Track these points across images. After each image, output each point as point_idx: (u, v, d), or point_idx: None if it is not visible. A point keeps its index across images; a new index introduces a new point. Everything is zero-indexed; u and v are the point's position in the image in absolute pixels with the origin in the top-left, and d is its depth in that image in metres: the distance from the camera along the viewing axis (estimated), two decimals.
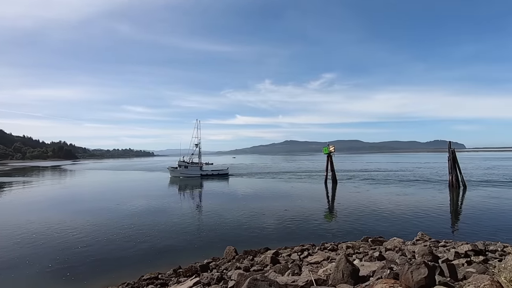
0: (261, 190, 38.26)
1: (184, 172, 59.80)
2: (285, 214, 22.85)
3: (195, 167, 60.96)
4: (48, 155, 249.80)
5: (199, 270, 9.52)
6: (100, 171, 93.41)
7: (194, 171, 60.07)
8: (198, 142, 62.66)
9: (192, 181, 53.46)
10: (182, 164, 60.44)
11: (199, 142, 62.84)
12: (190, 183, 50.16)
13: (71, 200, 33.13)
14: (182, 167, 60.25)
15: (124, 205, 28.88)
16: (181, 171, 60.09)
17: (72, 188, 47.76)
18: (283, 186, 42.41)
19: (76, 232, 18.54)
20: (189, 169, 60.15)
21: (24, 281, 11.47)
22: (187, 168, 60.11)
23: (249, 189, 39.74)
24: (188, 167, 60.31)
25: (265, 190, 38.21)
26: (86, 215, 23.60)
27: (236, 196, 33.48)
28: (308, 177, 53.89)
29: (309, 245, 13.74)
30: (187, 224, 20.55)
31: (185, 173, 59.51)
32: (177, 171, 60.46)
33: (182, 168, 60.22)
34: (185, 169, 60.05)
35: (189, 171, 59.93)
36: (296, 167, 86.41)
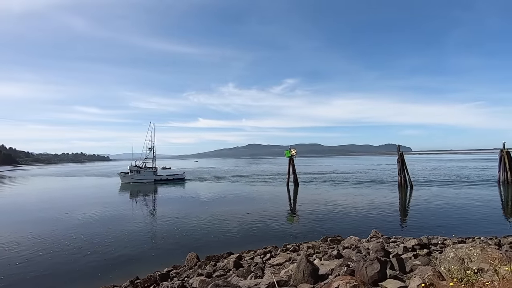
0: (223, 194, 37.95)
1: (136, 177, 57.01)
2: (247, 217, 22.90)
3: (148, 171, 58.29)
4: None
5: (159, 279, 9.09)
6: (47, 177, 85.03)
7: (147, 176, 57.41)
8: (152, 146, 60.49)
9: (145, 186, 51.05)
10: (133, 169, 57.56)
11: (153, 146, 60.69)
12: (143, 188, 47.87)
13: (10, 210, 29.68)
14: (134, 172, 57.36)
15: (74, 214, 26.53)
16: (132, 176, 57.18)
17: (11, 197, 42.76)
18: (246, 189, 42.54)
19: (15, 246, 16.58)
20: (141, 174, 57.42)
21: None
22: (140, 173, 57.36)
23: (211, 193, 39.18)
24: (141, 172, 57.58)
25: (227, 194, 37.96)
26: (29, 227, 21.25)
27: (197, 201, 32.76)
28: (270, 180, 54.77)
29: (272, 247, 13.93)
30: (144, 232, 19.58)
31: (137, 179, 56.79)
32: (128, 177, 57.45)
33: (134, 173, 57.33)
34: (137, 174, 57.26)
35: (142, 176, 57.19)
36: (259, 170, 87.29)
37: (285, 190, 40.74)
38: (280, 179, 55.06)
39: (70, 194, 43.52)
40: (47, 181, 71.74)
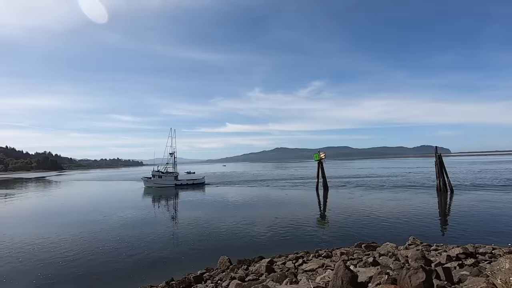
0: (252, 198, 38.06)
1: (158, 182, 58.89)
2: (276, 221, 22.74)
3: (170, 176, 60.06)
4: (32, 166, 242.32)
5: (193, 281, 9.28)
6: (87, 182, 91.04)
7: (168, 181, 59.12)
8: (173, 151, 62.48)
9: (167, 191, 52.44)
10: (156, 174, 59.69)
11: (174, 151, 62.69)
12: (165, 193, 49.13)
13: (55, 213, 32.06)
14: (156, 177, 59.46)
15: (111, 216, 28.15)
16: (154, 181, 59.18)
17: (57, 200, 46.26)
18: (274, 193, 42.33)
19: (60, 246, 17.86)
20: (163, 179, 59.23)
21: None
22: (161, 178, 59.24)
23: (239, 197, 39.48)
24: (162, 177, 59.46)
25: (255, 198, 38.02)
26: (72, 228, 22.82)
27: (226, 205, 33.18)
28: (299, 184, 54.01)
29: (303, 253, 13.66)
30: (176, 235, 20.16)
31: (159, 183, 58.62)
32: (151, 181, 59.53)
33: (156, 178, 59.39)
34: (159, 179, 59.17)
35: (163, 181, 58.96)
36: (287, 174, 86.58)
37: (315, 194, 39.95)
38: (309, 183, 54.15)
39: (107, 198, 46.18)
40: (88, 185, 76.76)
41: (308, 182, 56.26)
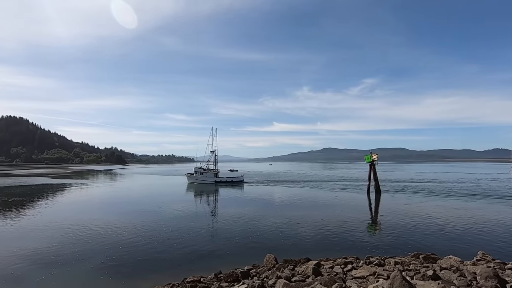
0: (297, 198, 37.58)
1: (200, 178, 61.79)
2: (323, 224, 22.13)
3: (210, 173, 62.53)
4: (101, 159, 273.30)
5: (240, 276, 9.53)
6: (146, 175, 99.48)
7: (208, 178, 61.60)
8: (214, 149, 65.12)
9: (207, 187, 54.43)
10: (198, 171, 62.81)
11: (215, 149, 65.28)
12: (207, 189, 51.03)
13: (119, 202, 35.70)
14: (197, 174, 62.52)
15: (165, 208, 30.47)
16: (196, 177, 62.21)
17: (120, 191, 51.55)
18: (321, 195, 41.20)
19: (123, 232, 19.85)
20: (204, 176, 62.00)
21: (78, 276, 12.50)
22: (202, 175, 62.13)
23: (285, 197, 39.31)
24: (204, 174, 62.28)
25: (301, 198, 37.45)
26: (132, 217, 25.21)
27: (271, 204, 33.34)
28: (349, 187, 51.72)
29: (353, 258, 13.04)
30: (223, 230, 20.85)
31: (200, 180, 61.46)
32: (193, 177, 62.73)
33: (198, 174, 62.44)
34: (201, 175, 62.12)
35: (204, 178, 61.71)
36: (335, 176, 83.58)
37: (365, 198, 37.86)
38: (360, 186, 51.52)
39: (162, 191, 49.95)
40: (146, 178, 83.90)
41: (359, 184, 53.56)
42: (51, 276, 12.36)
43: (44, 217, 25.89)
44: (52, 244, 16.84)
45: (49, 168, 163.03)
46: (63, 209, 31.01)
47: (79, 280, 12.07)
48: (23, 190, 47.85)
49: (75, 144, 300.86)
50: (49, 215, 26.70)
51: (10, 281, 11.89)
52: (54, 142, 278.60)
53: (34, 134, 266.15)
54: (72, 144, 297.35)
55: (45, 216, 26.44)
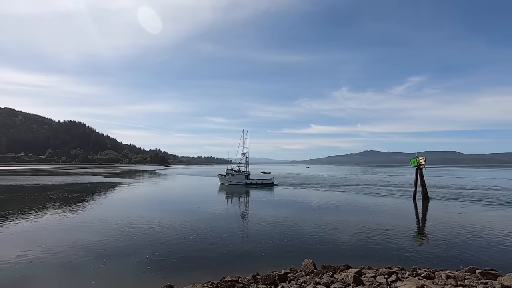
0: (335, 202, 36.33)
1: (231, 180, 62.88)
2: (364, 230, 21.10)
3: (241, 175, 63.38)
4: (147, 160, 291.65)
5: (278, 279, 9.46)
6: (186, 176, 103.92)
7: (239, 180, 62.38)
8: (245, 152, 66.47)
9: (238, 188, 55.28)
10: (229, 172, 63.97)
11: (245, 152, 66.60)
12: (237, 190, 51.68)
13: (162, 201, 37.73)
14: (229, 175, 63.68)
15: (204, 208, 31.58)
16: (228, 179, 63.42)
17: (164, 190, 54.51)
18: (361, 200, 39.36)
19: (165, 229, 20.90)
20: (235, 177, 62.95)
21: (125, 269, 13.42)
22: (234, 176, 63.12)
23: (322, 200, 38.26)
24: (235, 175, 63.26)
25: (339, 202, 36.14)
26: (174, 215, 26.46)
27: (308, 207, 32.71)
28: (392, 192, 48.76)
29: (397, 268, 12.22)
30: (260, 231, 20.88)
31: (231, 181, 62.58)
32: (225, 179, 64.11)
33: (229, 176, 63.58)
34: (232, 177, 63.17)
35: (235, 179, 62.63)
36: (376, 180, 79.40)
37: (411, 204, 35.36)
38: (405, 191, 48.30)
39: (201, 191, 51.71)
40: (187, 179, 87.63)
41: (405, 190, 50.19)
42: (103, 267, 13.45)
43: (97, 212, 28.34)
44: (103, 238, 18.33)
45: (102, 167, 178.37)
46: (113, 206, 33.66)
47: (126, 272, 12.95)
48: (80, 188, 52.96)
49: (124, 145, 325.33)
50: (101, 211, 29.17)
51: (69, 270, 13.20)
52: (106, 144, 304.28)
53: (90, 137, 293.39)
54: (121, 145, 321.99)
55: (98, 211, 28.95)
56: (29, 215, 26.09)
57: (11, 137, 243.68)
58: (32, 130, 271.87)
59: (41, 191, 45.46)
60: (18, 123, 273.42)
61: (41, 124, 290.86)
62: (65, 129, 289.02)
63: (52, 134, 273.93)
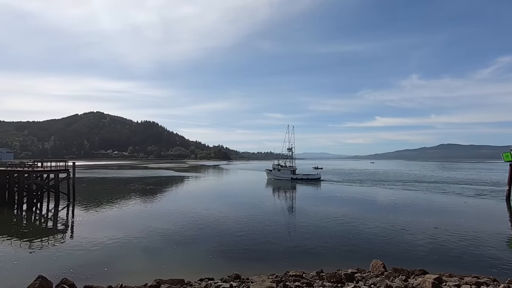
0: (404, 201, 33.04)
1: (277, 174, 63.53)
2: (438, 232, 18.82)
3: (287, 170, 63.40)
4: (211, 156, 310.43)
5: (344, 278, 9.00)
6: (247, 170, 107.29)
7: (285, 175, 62.52)
8: (290, 147, 66.88)
9: (284, 183, 55.07)
10: (275, 167, 64.69)
11: (291, 147, 66.98)
12: (283, 185, 51.48)
13: (226, 194, 39.67)
14: (275, 170, 64.40)
15: (264, 202, 32.29)
16: (274, 174, 64.16)
17: (227, 184, 57.36)
18: (436, 199, 35.06)
19: (229, 221, 21.88)
20: (281, 172, 63.40)
21: (193, 256, 14.44)
22: (280, 171, 63.61)
23: (388, 199, 35.22)
24: (281, 170, 63.67)
25: (408, 201, 32.74)
26: (237, 208, 27.56)
27: (372, 205, 30.62)
28: (480, 191, 42.28)
29: (488, 279, 10.49)
30: (322, 227, 20.26)
31: (277, 176, 63.14)
32: (271, 174, 64.96)
33: (275, 171, 64.28)
34: (278, 172, 63.78)
35: (281, 174, 63.03)
36: (459, 178, 69.85)
37: (503, 206, 30.13)
38: (498, 191, 41.40)
39: (260, 185, 52.72)
40: (247, 173, 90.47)
41: (498, 190, 42.94)
42: (174, 253, 14.75)
43: (170, 203, 31.26)
44: (175, 226, 20.11)
45: (172, 162, 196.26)
46: (183, 198, 36.72)
47: (195, 259, 13.94)
48: (155, 180, 59.23)
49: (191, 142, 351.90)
50: (173, 202, 32.08)
51: (147, 252, 14.84)
52: (176, 141, 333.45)
53: (162, 135, 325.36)
54: (189, 142, 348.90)
55: (170, 202, 31.94)
56: (116, 203, 30.25)
57: (101, 137, 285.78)
58: (117, 130, 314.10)
59: (125, 183, 52.26)
60: (107, 124, 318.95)
61: (124, 125, 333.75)
62: (142, 128, 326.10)
63: (132, 133, 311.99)
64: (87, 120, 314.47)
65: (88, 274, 11.48)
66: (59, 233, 19.27)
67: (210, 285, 8.79)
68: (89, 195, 36.21)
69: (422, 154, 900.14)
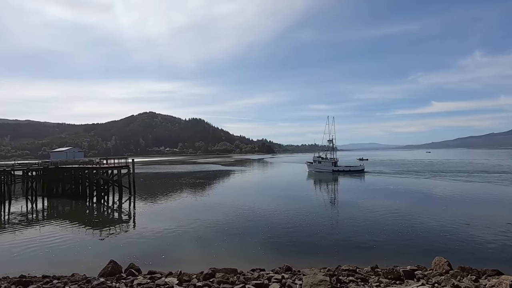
0: (467, 194, 29.90)
1: (317, 167, 62.60)
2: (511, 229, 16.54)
3: (328, 162, 62.23)
4: (255, 150, 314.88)
5: (403, 275, 8.41)
6: (291, 163, 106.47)
7: (326, 167, 61.34)
8: (331, 138, 65.67)
9: (325, 176, 53.97)
10: (316, 160, 63.87)
11: (332, 138, 65.68)
12: (324, 177, 50.37)
13: (271, 187, 39.87)
14: (316, 162, 63.57)
15: (311, 195, 31.85)
16: (314, 166, 63.41)
17: (272, 177, 57.68)
18: (508, 191, 30.90)
19: (276, 214, 21.96)
20: (322, 164, 62.36)
21: (242, 246, 14.86)
22: (320, 164, 62.62)
23: (449, 191, 32.09)
24: (321, 163, 62.65)
25: (473, 194, 29.48)
26: (283, 201, 27.55)
27: (431, 199, 28.21)
28: None
29: None
30: (373, 221, 19.24)
31: (318, 168, 62.22)
32: (312, 166, 64.18)
33: (316, 163, 63.45)
34: (318, 164, 62.86)
35: (322, 166, 61.94)
36: None
37: None
38: None
39: (304, 178, 51.88)
40: (292, 166, 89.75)
41: None
42: (225, 243, 15.31)
43: (218, 196, 32.53)
44: (224, 218, 20.84)
45: (219, 157, 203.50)
46: (230, 190, 37.92)
47: (244, 250, 14.29)
48: (204, 174, 62.11)
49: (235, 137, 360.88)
50: (221, 195, 33.32)
51: (199, 242, 15.68)
52: (221, 137, 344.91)
53: (208, 131, 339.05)
54: (233, 137, 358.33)
55: (218, 195, 33.24)
56: (169, 196, 32.47)
57: (154, 135, 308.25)
58: (168, 128, 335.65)
59: (177, 177, 55.74)
60: (158, 123, 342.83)
61: (173, 123, 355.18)
62: (190, 125, 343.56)
63: (181, 130, 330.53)
64: (142, 120, 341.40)
65: (149, 261, 12.51)
66: (123, 223, 21.37)
67: (262, 275, 8.92)
68: (146, 189, 39.41)
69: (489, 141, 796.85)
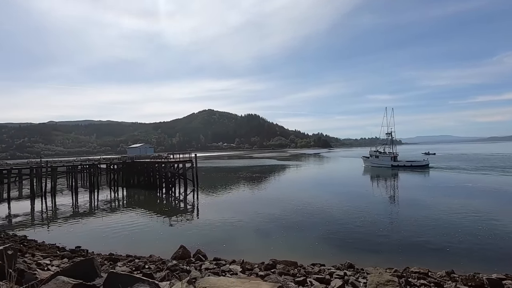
0: None
1: (375, 162, 58.72)
2: None
3: (386, 157, 57.61)
4: (311, 144, 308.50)
5: (487, 284, 7.38)
6: (349, 158, 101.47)
7: (384, 161, 56.96)
8: (390, 131, 60.78)
9: (383, 171, 50.15)
10: (373, 154, 59.87)
11: (391, 131, 60.71)
12: (382, 173, 47.04)
13: (328, 183, 38.65)
14: (373, 157, 59.58)
15: (371, 191, 30.05)
16: (371, 161, 59.50)
17: (329, 172, 55.88)
18: None
19: (334, 210, 21.25)
20: (379, 159, 58.16)
21: (300, 240, 14.80)
22: (378, 158, 58.56)
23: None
24: (379, 157, 58.47)
25: None
26: (341, 197, 26.43)
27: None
28: None
29: None
30: (451, 222, 17.15)
31: (375, 163, 58.32)
32: (369, 161, 60.31)
33: (373, 158, 59.51)
34: (376, 158, 58.88)
35: (380, 161, 57.76)
36: None
37: None
38: None
39: (362, 173, 48.88)
40: (350, 161, 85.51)
41: None
42: (283, 236, 15.46)
43: (274, 190, 32.91)
44: (281, 212, 20.99)
45: (274, 152, 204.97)
46: (286, 185, 37.98)
47: (301, 244, 14.22)
48: (260, 169, 63.35)
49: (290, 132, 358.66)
50: (278, 189, 33.64)
51: (258, 234, 16.16)
52: (276, 132, 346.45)
53: (263, 126, 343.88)
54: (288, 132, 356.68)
55: (275, 189, 33.62)
56: (229, 189, 34.06)
57: (213, 131, 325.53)
58: (225, 125, 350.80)
59: (235, 171, 58.04)
60: (216, 120, 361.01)
61: (230, 119, 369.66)
62: (246, 121, 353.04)
63: (238, 126, 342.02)
64: (201, 118, 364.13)
65: (213, 249, 13.36)
66: (188, 213, 23.22)
67: (324, 270, 8.79)
68: (208, 182, 41.98)
69: None
